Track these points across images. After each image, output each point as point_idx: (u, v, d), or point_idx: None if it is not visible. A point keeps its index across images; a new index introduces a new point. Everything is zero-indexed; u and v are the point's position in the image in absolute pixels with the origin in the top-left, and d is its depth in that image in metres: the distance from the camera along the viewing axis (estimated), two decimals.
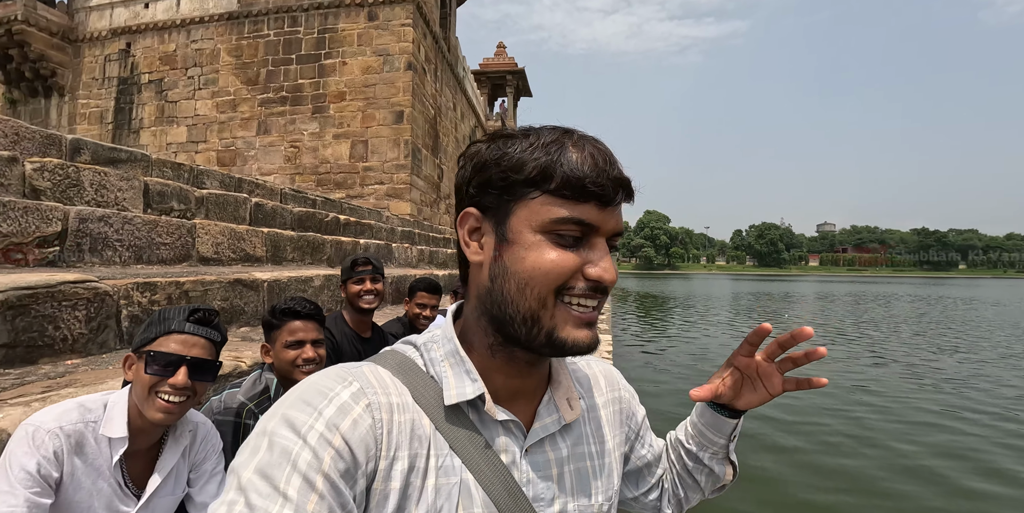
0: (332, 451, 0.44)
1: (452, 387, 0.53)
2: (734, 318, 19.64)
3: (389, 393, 0.51)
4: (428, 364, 0.55)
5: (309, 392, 0.48)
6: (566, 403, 0.60)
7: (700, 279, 75.78)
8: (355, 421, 0.46)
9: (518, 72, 24.37)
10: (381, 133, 11.89)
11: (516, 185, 0.51)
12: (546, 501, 0.56)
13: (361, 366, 0.53)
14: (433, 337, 0.58)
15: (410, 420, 0.50)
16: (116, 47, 14.37)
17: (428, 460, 0.50)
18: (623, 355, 10.63)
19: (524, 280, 0.51)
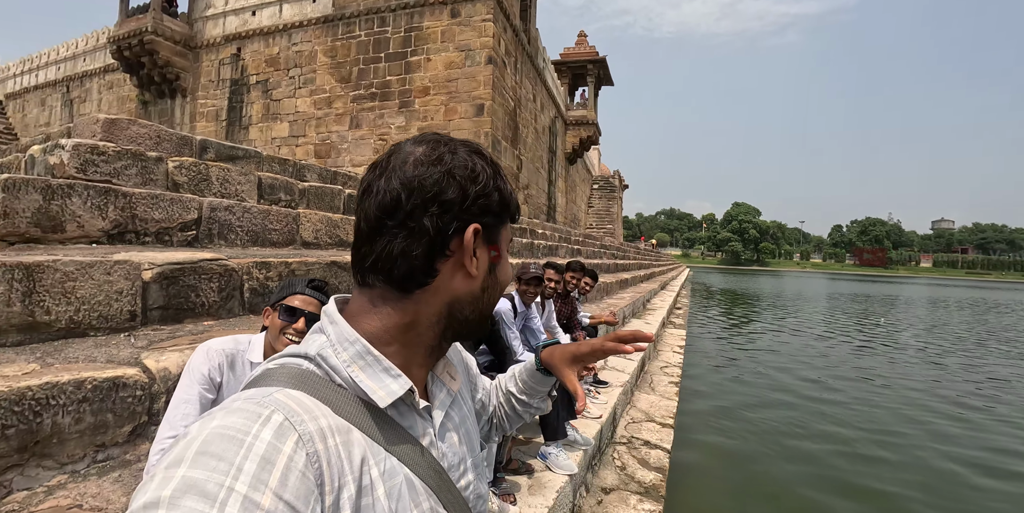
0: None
1: (376, 389, 0.52)
2: (826, 320, 18.30)
3: (316, 417, 0.46)
4: (331, 372, 0.53)
5: (216, 442, 0.39)
6: (447, 375, 0.66)
7: (792, 277, 70.44)
8: (287, 468, 0.40)
9: (599, 61, 23.99)
10: (462, 126, 12.29)
11: (506, 213, 0.61)
12: (455, 467, 0.61)
13: (271, 392, 0.47)
14: (325, 344, 0.54)
15: (345, 441, 0.47)
16: (228, 52, 15.84)
17: (372, 473, 0.49)
18: (697, 349, 10.37)
19: (503, 287, 0.64)
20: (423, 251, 0.54)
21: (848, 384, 8.17)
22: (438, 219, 0.54)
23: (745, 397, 7.05)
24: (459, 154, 0.57)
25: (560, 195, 22.23)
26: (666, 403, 5.29)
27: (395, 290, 0.56)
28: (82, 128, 3.74)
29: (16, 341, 1.81)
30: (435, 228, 0.54)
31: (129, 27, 16.12)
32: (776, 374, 8.63)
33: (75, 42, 21.31)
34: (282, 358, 0.55)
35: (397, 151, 0.58)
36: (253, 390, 0.48)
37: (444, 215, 0.55)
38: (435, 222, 0.54)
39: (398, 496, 0.50)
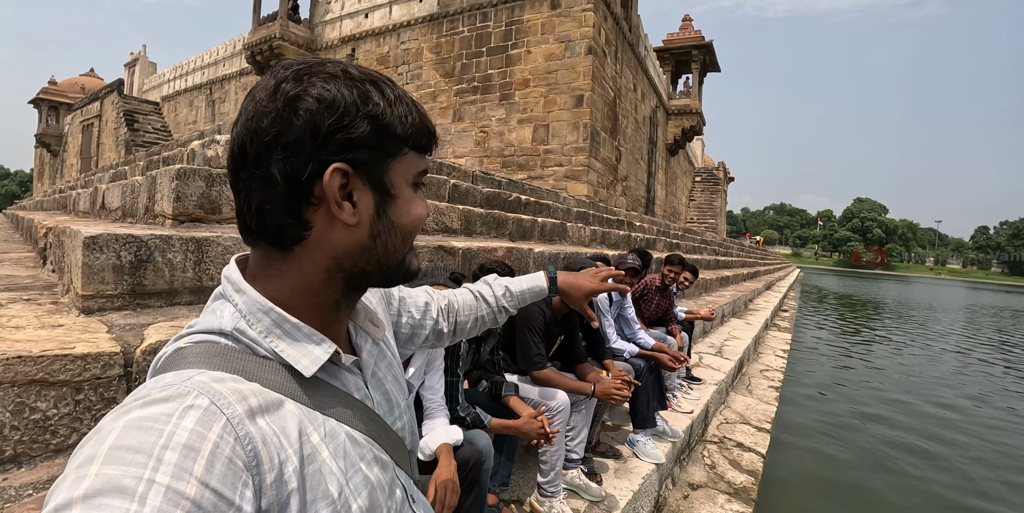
0: (187, 505, 0.35)
1: (300, 357, 0.50)
2: (964, 338, 16.16)
3: (245, 397, 0.43)
4: (252, 345, 0.49)
5: (132, 434, 0.36)
6: (370, 324, 0.63)
7: (923, 284, 61.87)
8: (212, 454, 0.38)
9: (704, 46, 22.78)
10: (561, 117, 12.33)
11: (391, 143, 0.52)
12: (387, 412, 0.61)
13: (191, 375, 0.43)
14: (235, 317, 0.50)
15: (277, 417, 0.45)
16: (344, 53, 17.08)
17: (312, 439, 0.47)
18: (804, 355, 9.68)
19: (409, 231, 0.55)
20: (281, 203, 0.49)
21: (979, 409, 7.23)
22: (285, 164, 0.47)
23: (854, 411, 6.50)
24: (308, 81, 0.48)
25: (660, 187, 21.55)
26: (764, 407, 5.05)
27: (275, 248, 0.52)
28: (229, 125, 4.30)
29: (188, 301, 2.18)
30: (284, 175, 0.48)
31: (260, 34, 17.97)
32: (894, 390, 7.85)
33: (216, 49, 24.10)
34: (194, 335, 0.50)
35: (251, 90, 0.52)
36: (170, 374, 0.43)
37: (292, 159, 0.48)
38: (283, 168, 0.47)
39: (344, 454, 0.50)
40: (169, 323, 1.88)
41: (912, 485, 4.34)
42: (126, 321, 1.88)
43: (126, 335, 1.72)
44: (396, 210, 0.54)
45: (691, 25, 23.65)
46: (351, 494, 0.49)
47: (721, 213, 35.58)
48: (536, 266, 4.68)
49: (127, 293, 2.02)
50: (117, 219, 3.82)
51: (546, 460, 2.07)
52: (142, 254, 2.04)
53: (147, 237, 2.05)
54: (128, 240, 2.01)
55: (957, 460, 4.99)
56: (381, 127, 0.50)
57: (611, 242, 8.09)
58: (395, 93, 0.52)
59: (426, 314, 0.87)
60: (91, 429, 0.38)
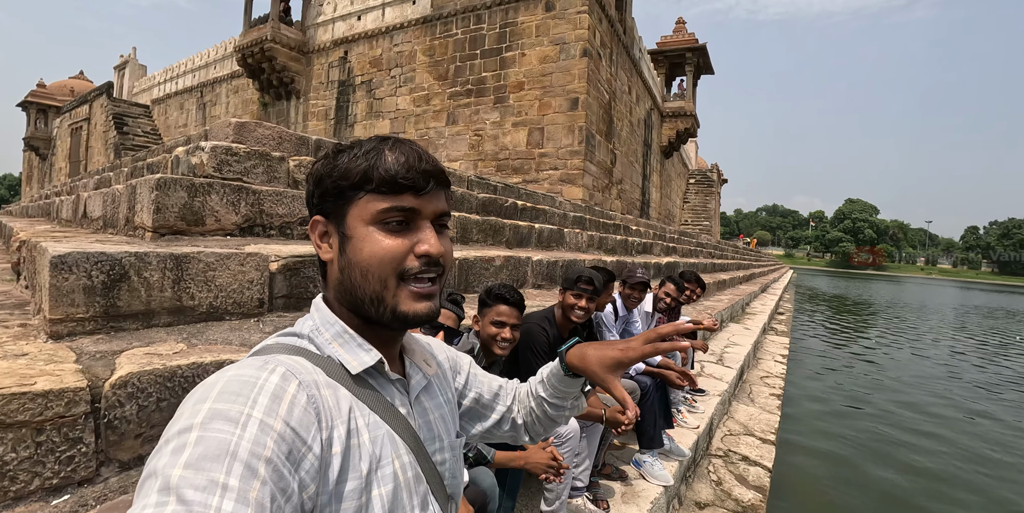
0: (275, 435, 0.45)
1: (350, 360, 0.61)
2: (954, 336, 16.22)
3: (310, 372, 0.55)
4: (320, 348, 0.62)
5: (234, 384, 0.49)
6: (424, 363, 0.73)
7: (914, 284, 62.47)
8: (292, 402, 0.49)
9: (698, 49, 22.78)
10: (556, 120, 12.23)
11: (346, 190, 0.61)
12: (429, 441, 0.68)
13: (275, 356, 0.57)
14: (314, 325, 0.64)
15: (333, 394, 0.56)
16: (336, 55, 16.93)
17: (358, 421, 0.57)
18: (802, 359, 9.60)
19: (364, 267, 0.60)
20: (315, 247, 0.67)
21: (987, 413, 7.17)
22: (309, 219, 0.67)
23: (857, 416, 6.41)
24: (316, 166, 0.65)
25: (654, 190, 21.49)
26: (767, 417, 4.94)
27: None
28: (216, 131, 4.14)
29: (166, 322, 2.04)
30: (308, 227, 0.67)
31: (251, 36, 17.76)
32: (895, 394, 7.78)
33: (207, 52, 23.85)
34: (280, 336, 0.64)
35: None
36: (257, 356, 0.57)
37: (309, 214, 0.66)
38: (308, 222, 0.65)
39: (382, 444, 0.59)
40: (144, 349, 1.74)
41: (924, 487, 4.24)
42: (97, 348, 1.74)
43: (95, 366, 1.57)
44: (351, 248, 0.61)
45: (684, 28, 23.66)
46: (377, 480, 0.56)
47: (715, 215, 35.62)
48: (535, 275, 4.55)
49: (99, 316, 1.88)
50: (98, 229, 3.66)
51: (551, 488, 1.95)
52: (115, 273, 1.90)
53: (121, 255, 1.90)
54: (100, 259, 1.86)
55: (965, 461, 4.91)
56: (340, 175, 0.61)
57: (608, 247, 7.98)
58: (363, 149, 0.62)
59: (497, 399, 0.89)
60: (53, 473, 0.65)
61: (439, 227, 0.64)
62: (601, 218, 9.80)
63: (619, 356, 0.75)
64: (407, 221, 0.61)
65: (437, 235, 0.63)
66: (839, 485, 4.38)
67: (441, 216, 0.64)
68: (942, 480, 4.63)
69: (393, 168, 0.60)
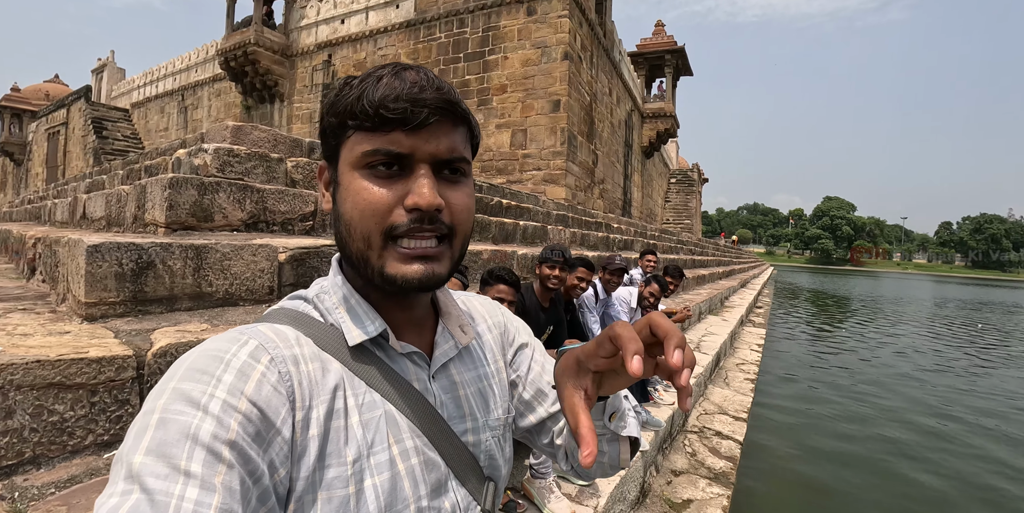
0: (239, 416, 0.42)
1: (353, 329, 0.54)
2: (930, 330, 16.83)
3: (291, 345, 0.50)
4: (325, 313, 0.56)
5: (202, 359, 0.45)
6: (459, 330, 0.63)
7: (892, 279, 64.11)
8: (260, 380, 0.45)
9: (677, 51, 23.31)
10: (539, 122, 12.53)
11: (337, 128, 0.52)
12: (458, 419, 0.60)
13: (257, 325, 0.52)
14: (323, 288, 0.58)
15: (319, 368, 0.50)
16: (320, 59, 17.04)
17: (347, 401, 0.51)
18: (777, 348, 9.99)
19: (348, 221, 0.52)
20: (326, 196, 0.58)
21: (941, 396, 7.60)
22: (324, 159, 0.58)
23: (825, 399, 6.78)
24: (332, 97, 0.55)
25: (636, 189, 21.92)
26: (740, 398, 5.26)
27: None
28: (214, 134, 4.33)
29: (187, 306, 2.25)
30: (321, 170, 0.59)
31: (234, 40, 17.78)
32: (862, 379, 8.19)
33: (188, 55, 23.73)
34: (288, 300, 0.59)
35: None
36: (247, 325, 0.53)
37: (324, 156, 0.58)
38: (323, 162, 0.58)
39: (375, 429, 0.51)
40: (174, 328, 1.96)
41: (863, 456, 4.58)
42: (130, 327, 1.95)
43: (135, 340, 1.79)
44: (339, 198, 0.53)
45: (664, 30, 24.16)
46: (369, 468, 0.49)
47: (696, 213, 36.27)
48: (520, 267, 4.81)
49: (129, 300, 2.09)
50: (101, 228, 3.83)
51: None
52: (143, 262, 2.11)
53: (148, 245, 2.12)
54: (130, 248, 2.07)
55: (928, 440, 5.27)
56: (330, 114, 0.52)
57: (590, 244, 8.28)
58: (365, 76, 0.51)
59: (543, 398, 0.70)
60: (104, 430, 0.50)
61: (449, 173, 0.53)
62: (583, 216, 10.11)
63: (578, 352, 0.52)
64: (400, 165, 0.50)
65: (439, 183, 0.52)
66: (804, 454, 4.71)
67: (449, 161, 0.52)
68: (900, 447, 4.98)
69: (375, 98, 0.49)
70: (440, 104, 0.50)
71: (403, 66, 0.52)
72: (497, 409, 0.65)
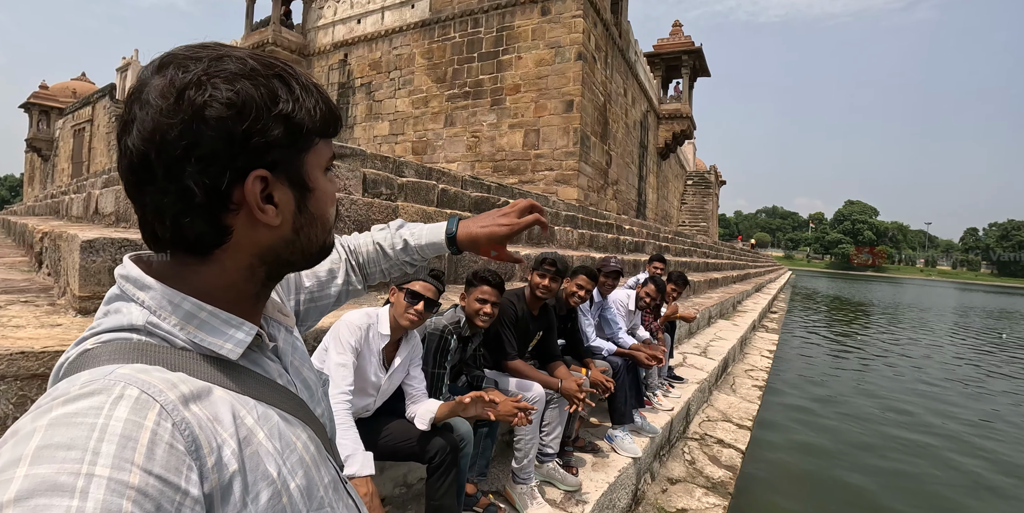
0: (132, 494, 0.34)
1: (222, 344, 0.50)
2: (957, 342, 16.39)
3: (173, 384, 0.42)
4: (169, 339, 0.48)
5: (60, 432, 0.35)
6: (280, 314, 0.63)
7: (914, 285, 62.35)
8: (152, 442, 0.37)
9: (694, 51, 23.07)
10: (552, 122, 12.49)
11: (304, 136, 0.51)
12: (310, 400, 0.62)
13: (112, 369, 0.42)
14: (144, 313, 0.48)
15: (209, 402, 0.45)
16: (337, 58, 17.21)
17: (246, 421, 0.47)
18: (791, 356, 9.82)
19: (326, 219, 0.56)
20: (199, 213, 0.47)
21: (964, 409, 7.40)
22: (201, 176, 0.45)
23: (838, 411, 6.63)
24: (213, 85, 0.45)
25: (651, 191, 21.75)
26: (746, 405, 5.18)
27: (190, 255, 0.50)
28: None
29: None
30: (201, 187, 0.46)
31: (253, 39, 18.05)
32: (879, 391, 8.00)
33: None
34: (100, 334, 0.47)
35: (138, 87, 0.48)
36: (86, 373, 0.42)
37: (208, 170, 0.46)
38: (199, 180, 0.45)
39: (279, 434, 0.51)
40: None
41: (891, 481, 4.46)
42: None
43: None
44: (315, 202, 0.54)
45: (681, 30, 23.94)
46: (289, 473, 0.49)
47: (713, 216, 35.86)
48: (522, 268, 4.79)
49: None
50: (111, 224, 3.90)
51: (520, 448, 2.18)
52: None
53: (141, 240, 2.14)
54: (123, 243, 2.10)
55: (937, 454, 5.13)
56: (293, 125, 0.49)
57: (599, 245, 8.22)
58: (300, 83, 0.51)
59: (330, 281, 0.85)
60: None
61: None
62: (594, 217, 10.04)
63: (504, 231, 0.84)
64: None
65: None
66: (811, 470, 4.60)
67: None
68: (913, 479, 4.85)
69: (330, 107, 0.54)
70: None
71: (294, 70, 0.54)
72: (317, 375, 0.69)
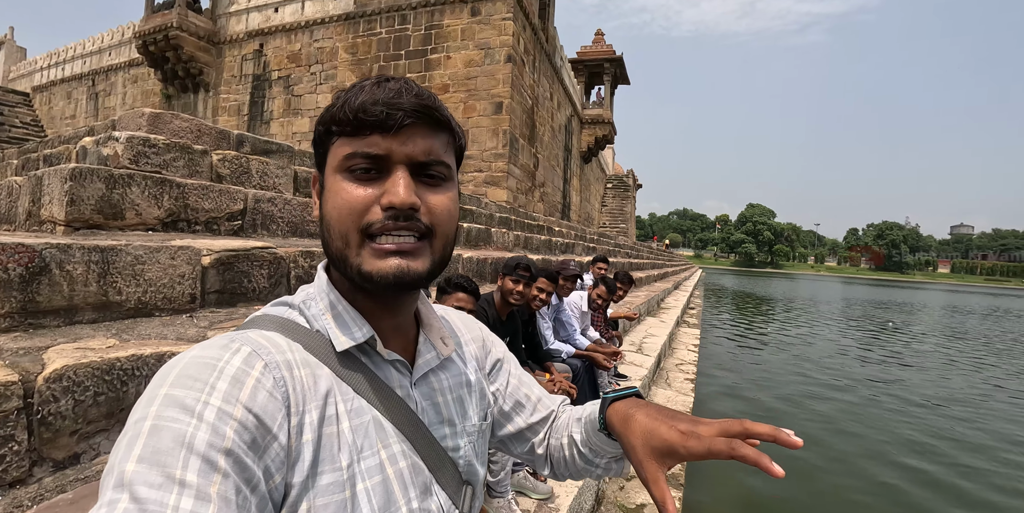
0: (235, 424, 0.42)
1: (340, 335, 0.54)
2: (841, 327, 18.20)
3: (283, 351, 0.50)
4: (311, 320, 0.56)
5: (193, 366, 0.44)
6: (440, 342, 0.65)
7: (807, 280, 69.61)
8: (255, 387, 0.45)
9: (616, 60, 23.96)
10: (481, 123, 12.41)
11: (323, 135, 0.55)
12: (437, 424, 0.61)
13: (246, 331, 0.52)
14: (309, 294, 0.58)
15: (311, 374, 0.51)
16: (251, 48, 16.10)
17: (337, 406, 0.51)
18: (711, 349, 10.40)
19: (328, 222, 0.54)
20: None
21: (867, 387, 8.18)
22: None
23: (761, 395, 7.10)
24: None
25: (575, 193, 22.28)
26: (682, 398, 5.38)
27: None
28: (127, 121, 3.90)
29: (91, 318, 1.95)
30: None
31: (155, 22, 16.45)
32: (791, 374, 8.66)
33: (101, 36, 21.76)
34: (273, 306, 0.58)
35: None
36: (232, 332, 0.52)
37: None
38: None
39: (364, 434, 0.52)
40: (73, 345, 1.67)
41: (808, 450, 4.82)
42: (18, 345, 1.65)
43: (22, 361, 1.51)
44: (326, 202, 0.54)
45: (603, 39, 24.77)
46: (360, 473, 0.51)
47: (631, 218, 37.46)
48: (465, 271, 4.66)
49: (16, 312, 1.77)
50: None
51: (496, 461, 2.08)
52: (35, 266, 1.80)
53: (42, 246, 1.81)
54: (18, 250, 1.76)
55: (857, 427, 5.61)
56: (323, 124, 0.54)
57: (533, 246, 8.26)
58: (359, 85, 0.54)
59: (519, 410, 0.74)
60: None
61: (428, 177, 0.54)
62: (525, 219, 10.09)
63: (676, 441, 0.51)
64: (378, 168, 0.52)
65: (418, 186, 0.53)
66: None
67: (428, 164, 0.54)
68: (837, 426, 5.27)
69: (357, 103, 0.51)
70: (416, 108, 0.52)
71: (386, 77, 0.54)
72: (475, 415, 0.67)
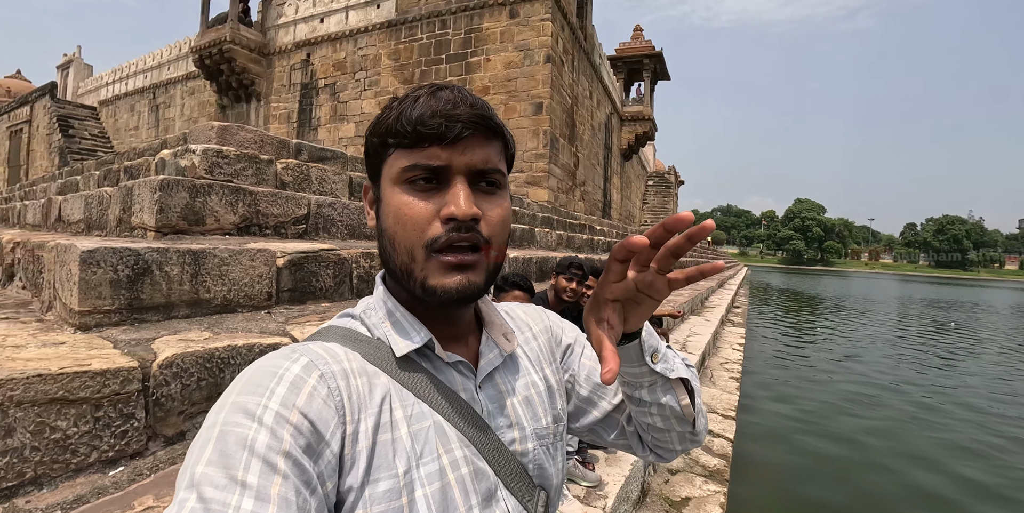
0: (291, 428, 0.44)
1: (399, 341, 0.56)
2: (897, 327, 17.37)
3: (340, 361, 0.52)
4: (372, 328, 0.58)
5: (257, 374, 0.48)
6: (503, 338, 0.64)
7: (860, 278, 66.12)
8: (311, 394, 0.47)
9: (655, 55, 23.62)
10: (521, 124, 12.54)
11: (379, 147, 0.55)
12: (505, 428, 0.60)
13: (308, 343, 0.54)
14: (369, 305, 0.60)
15: (367, 382, 0.52)
16: (299, 58, 16.76)
17: (394, 413, 0.52)
18: (757, 348, 10.19)
19: (391, 235, 0.54)
20: None
21: (924, 390, 7.85)
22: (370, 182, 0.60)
23: (809, 396, 6.94)
24: None
25: (615, 191, 22.12)
26: (727, 397, 5.35)
27: None
28: (198, 134, 4.22)
29: (185, 314, 2.18)
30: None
31: (209, 37, 17.37)
32: (843, 376, 8.40)
33: (160, 52, 23.08)
34: (339, 318, 0.61)
35: None
36: (295, 344, 0.55)
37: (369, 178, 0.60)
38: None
39: (424, 439, 0.52)
40: (175, 337, 1.90)
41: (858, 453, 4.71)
42: (128, 337, 1.88)
43: (137, 350, 1.73)
44: (382, 214, 0.56)
45: (642, 35, 24.46)
46: (419, 479, 0.50)
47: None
48: (511, 270, 4.80)
49: (124, 308, 2.01)
50: (79, 232, 3.69)
51: None
52: (139, 268, 2.04)
53: (144, 250, 2.05)
54: (125, 253, 2.00)
55: (906, 434, 5.44)
56: (378, 135, 0.55)
57: (576, 246, 8.32)
58: (412, 95, 0.55)
59: (601, 391, 0.71)
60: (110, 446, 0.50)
61: (486, 185, 0.55)
62: (567, 218, 10.15)
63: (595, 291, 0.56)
64: (438, 179, 0.53)
65: (475, 195, 0.53)
66: (792, 454, 4.81)
67: (485, 172, 0.54)
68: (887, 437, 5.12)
69: (411, 116, 0.52)
70: (473, 118, 0.52)
71: (440, 86, 0.55)
72: (545, 417, 0.65)
